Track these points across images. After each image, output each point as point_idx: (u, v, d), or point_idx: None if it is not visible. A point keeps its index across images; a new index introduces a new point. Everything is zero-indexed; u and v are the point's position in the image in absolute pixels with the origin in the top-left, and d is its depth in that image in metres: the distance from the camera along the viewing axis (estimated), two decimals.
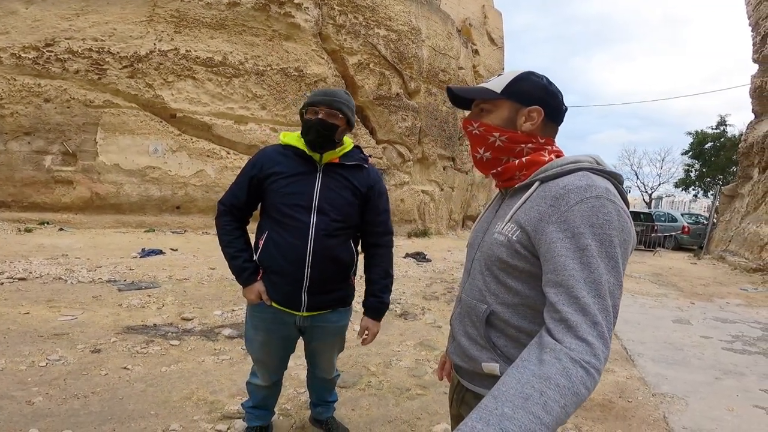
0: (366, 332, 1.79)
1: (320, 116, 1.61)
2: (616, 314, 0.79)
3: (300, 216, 1.60)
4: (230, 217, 1.73)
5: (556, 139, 1.01)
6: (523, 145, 0.95)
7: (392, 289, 1.86)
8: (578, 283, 0.76)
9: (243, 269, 1.68)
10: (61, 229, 7.58)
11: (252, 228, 1.74)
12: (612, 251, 0.78)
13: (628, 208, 0.88)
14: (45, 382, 2.43)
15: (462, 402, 1.05)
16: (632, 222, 0.86)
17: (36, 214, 7.86)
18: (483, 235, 1.01)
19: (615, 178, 0.89)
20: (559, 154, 0.95)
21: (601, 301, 0.76)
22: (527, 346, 0.80)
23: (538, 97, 0.94)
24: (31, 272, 4.71)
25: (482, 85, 1.01)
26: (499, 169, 0.98)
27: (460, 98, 1.05)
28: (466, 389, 1.03)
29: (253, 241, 1.74)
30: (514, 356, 0.88)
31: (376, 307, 1.80)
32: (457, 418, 1.10)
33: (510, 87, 0.96)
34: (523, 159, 0.95)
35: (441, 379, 1.27)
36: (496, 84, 0.98)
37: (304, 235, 1.60)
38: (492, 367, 0.93)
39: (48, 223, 7.78)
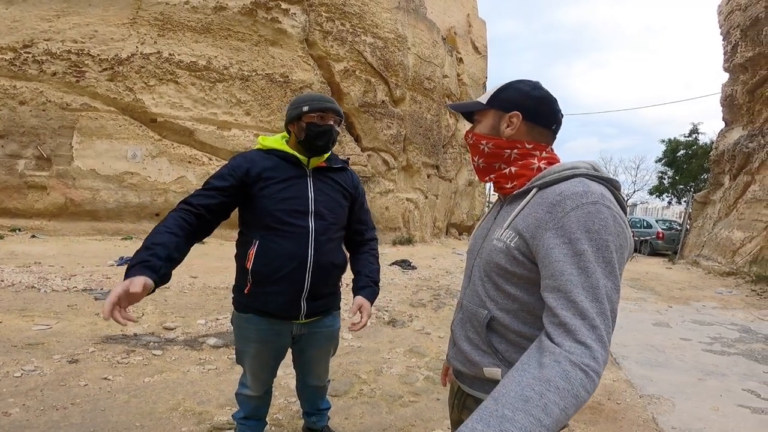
0: (361, 309, 1.61)
1: (331, 122, 1.60)
2: (614, 318, 0.80)
3: (299, 221, 1.55)
4: (188, 214, 1.42)
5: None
6: (508, 151, 0.97)
7: (379, 296, 1.84)
8: (576, 287, 0.77)
9: (141, 261, 1.21)
10: (33, 236, 7.28)
11: (224, 236, 1.63)
12: (608, 256, 0.79)
13: (626, 214, 0.90)
14: (21, 393, 2.31)
15: (463, 407, 1.04)
16: (629, 227, 0.87)
17: (7, 221, 7.53)
18: (482, 242, 1.02)
19: (611, 184, 0.91)
20: (551, 161, 0.97)
21: (598, 305, 0.77)
22: (527, 350, 0.81)
23: (517, 103, 0.97)
24: (2, 280, 4.50)
25: (478, 99, 1.07)
26: (492, 176, 1.01)
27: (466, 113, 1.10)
28: (467, 394, 1.03)
29: (233, 252, 1.62)
30: (515, 361, 0.88)
31: (371, 287, 1.70)
32: (457, 424, 1.10)
33: (494, 96, 1.01)
34: (512, 169, 0.97)
35: (445, 386, 1.27)
36: (485, 96, 1.03)
37: (304, 240, 1.55)
38: (494, 371, 0.93)
39: (20, 230, 7.46)
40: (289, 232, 1.54)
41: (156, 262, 1.23)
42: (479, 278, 0.98)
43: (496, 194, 1.08)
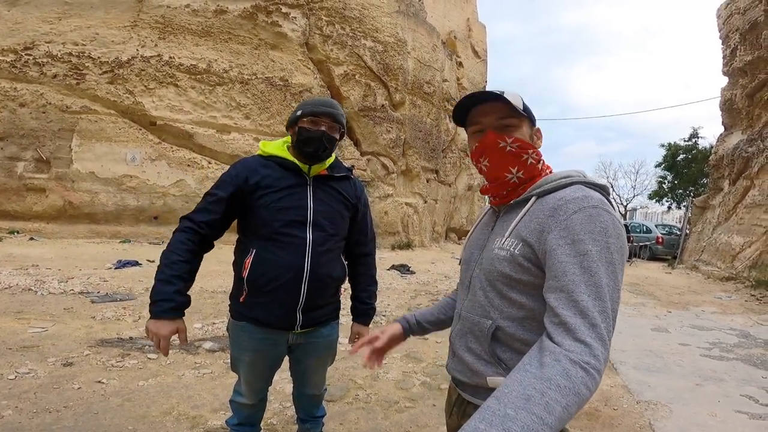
0: (357, 337, 1.78)
1: (323, 128, 1.53)
2: (615, 318, 0.80)
3: (296, 232, 1.51)
4: (194, 235, 1.49)
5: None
6: (540, 163, 1.00)
7: (377, 300, 1.84)
8: (578, 287, 0.78)
9: (169, 299, 1.41)
10: (31, 239, 7.28)
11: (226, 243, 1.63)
12: (610, 257, 0.81)
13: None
14: (14, 396, 2.30)
15: (464, 414, 1.04)
16: (625, 232, 0.90)
17: (6, 223, 7.54)
18: (481, 252, 1.02)
19: (604, 191, 0.94)
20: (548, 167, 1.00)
21: (600, 304, 0.78)
22: (528, 352, 0.82)
23: (534, 118, 1.01)
24: None
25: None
26: (519, 189, 0.96)
27: (460, 112, 1.01)
28: (467, 402, 1.02)
29: (231, 260, 1.61)
30: None
31: (367, 312, 1.79)
32: (455, 430, 1.09)
33: (525, 108, 0.98)
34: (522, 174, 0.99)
35: (366, 367, 1.18)
36: (512, 98, 0.94)
37: (302, 251, 1.51)
38: (498, 381, 0.93)
39: (18, 232, 7.47)
40: (287, 243, 1.51)
41: (180, 299, 1.45)
42: (480, 288, 0.97)
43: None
